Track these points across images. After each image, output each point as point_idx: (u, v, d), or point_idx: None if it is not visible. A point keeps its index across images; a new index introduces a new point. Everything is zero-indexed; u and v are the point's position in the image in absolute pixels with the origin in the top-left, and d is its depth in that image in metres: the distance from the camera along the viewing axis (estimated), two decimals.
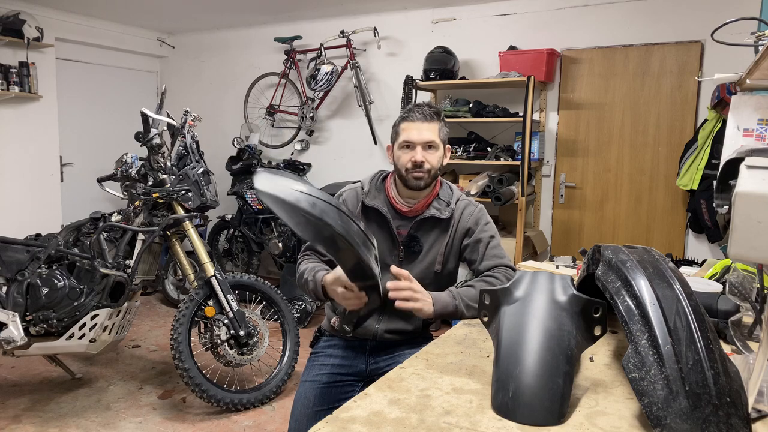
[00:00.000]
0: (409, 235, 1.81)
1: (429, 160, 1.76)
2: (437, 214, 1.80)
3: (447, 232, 1.82)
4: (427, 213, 1.80)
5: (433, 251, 1.82)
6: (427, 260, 1.81)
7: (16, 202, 4.99)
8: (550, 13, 4.43)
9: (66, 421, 2.99)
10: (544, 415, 1.03)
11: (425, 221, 1.81)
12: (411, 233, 1.81)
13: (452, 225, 1.82)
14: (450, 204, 1.83)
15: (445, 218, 1.81)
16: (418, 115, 1.77)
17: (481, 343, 1.48)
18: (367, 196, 1.83)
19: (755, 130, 1.79)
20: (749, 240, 1.04)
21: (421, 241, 1.81)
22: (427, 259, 1.81)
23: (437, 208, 1.81)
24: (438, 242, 1.82)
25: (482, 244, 1.81)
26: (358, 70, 4.96)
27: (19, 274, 2.99)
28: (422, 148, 1.76)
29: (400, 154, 1.78)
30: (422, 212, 1.81)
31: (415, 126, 1.76)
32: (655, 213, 4.25)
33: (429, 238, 1.82)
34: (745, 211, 1.04)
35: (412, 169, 1.75)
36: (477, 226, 1.83)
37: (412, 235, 1.81)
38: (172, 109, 3.59)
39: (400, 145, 1.79)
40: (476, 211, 1.86)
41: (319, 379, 1.83)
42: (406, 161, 1.76)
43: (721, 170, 1.27)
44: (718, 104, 3.59)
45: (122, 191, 3.29)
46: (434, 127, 1.77)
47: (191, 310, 3.03)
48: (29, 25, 4.74)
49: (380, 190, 1.86)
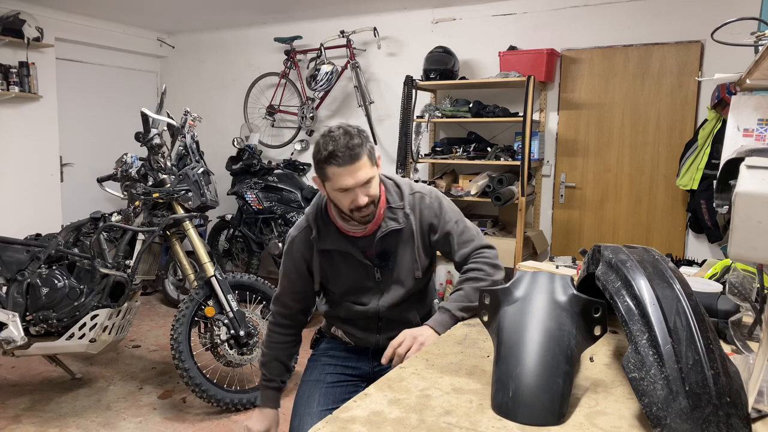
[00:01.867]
0: (377, 255, 1.73)
1: (370, 194, 1.61)
2: (395, 226, 1.70)
3: (412, 236, 1.73)
4: (386, 227, 1.70)
5: (407, 259, 1.74)
6: (404, 270, 1.74)
7: (16, 202, 4.99)
8: (550, 13, 4.43)
9: (66, 421, 2.99)
10: (544, 415, 1.03)
11: (387, 235, 1.71)
12: (378, 252, 1.72)
13: (414, 228, 1.73)
14: (403, 208, 1.72)
15: (404, 226, 1.71)
16: (345, 158, 1.54)
17: (481, 343, 1.48)
18: (319, 241, 1.72)
19: (755, 130, 1.79)
20: (749, 240, 1.04)
21: (391, 254, 1.73)
22: (403, 270, 1.74)
23: (393, 218, 1.71)
24: (408, 248, 1.74)
25: (452, 236, 1.75)
26: (358, 70, 4.96)
27: (19, 274, 2.99)
28: (361, 189, 1.58)
29: (337, 197, 1.61)
30: (380, 227, 1.70)
31: (346, 171, 1.55)
32: (655, 213, 4.25)
33: (398, 249, 1.73)
34: (745, 211, 1.04)
35: (356, 210, 1.61)
36: (438, 218, 1.75)
37: (380, 252, 1.73)
38: (172, 109, 3.59)
39: (335, 190, 1.59)
40: (430, 202, 1.76)
41: (323, 378, 1.82)
42: (347, 203, 1.60)
43: (721, 170, 1.27)
44: (718, 104, 3.59)
45: (122, 191, 3.29)
46: (364, 160, 1.57)
47: (191, 310, 3.03)
48: (29, 25, 4.74)
49: (328, 224, 1.73)
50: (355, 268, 1.74)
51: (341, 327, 1.88)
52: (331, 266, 1.76)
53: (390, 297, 1.76)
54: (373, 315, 1.77)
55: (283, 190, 4.89)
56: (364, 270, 1.74)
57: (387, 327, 1.79)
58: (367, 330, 1.82)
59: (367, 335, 1.82)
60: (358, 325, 1.83)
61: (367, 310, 1.77)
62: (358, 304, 1.78)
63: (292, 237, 1.79)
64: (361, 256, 1.72)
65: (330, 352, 1.89)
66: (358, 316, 1.80)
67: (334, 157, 1.54)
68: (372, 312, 1.77)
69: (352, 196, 1.58)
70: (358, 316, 1.79)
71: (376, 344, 1.81)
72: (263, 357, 1.91)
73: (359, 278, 1.75)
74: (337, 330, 1.90)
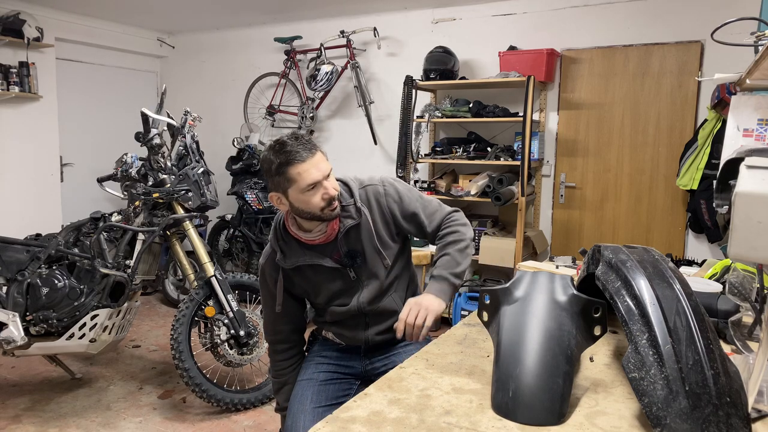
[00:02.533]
0: (345, 255, 1.75)
1: (335, 186, 1.66)
2: (351, 222, 1.72)
3: (368, 227, 1.75)
4: (343, 227, 1.72)
5: (374, 251, 1.76)
6: (375, 263, 1.77)
7: (16, 202, 4.99)
8: (550, 13, 4.43)
9: (66, 421, 2.99)
10: (544, 415, 1.03)
11: (347, 233, 1.73)
12: (344, 252, 1.74)
13: (370, 219, 1.75)
14: (354, 203, 1.74)
15: (360, 220, 1.73)
16: (304, 152, 1.59)
17: (481, 343, 1.48)
18: (284, 259, 1.74)
19: (755, 130, 1.79)
20: (749, 240, 1.04)
21: (358, 251, 1.75)
22: (374, 263, 1.77)
23: (347, 216, 1.73)
24: (370, 241, 1.76)
25: (418, 215, 1.78)
26: (358, 70, 4.96)
27: (19, 274, 2.99)
28: (327, 181, 1.63)
29: (306, 198, 1.62)
30: (339, 228, 1.73)
31: (310, 164, 1.59)
32: (655, 213, 4.25)
33: (362, 243, 1.75)
34: (745, 211, 1.04)
35: (328, 206, 1.64)
36: (400, 203, 1.77)
37: (347, 252, 1.75)
38: (172, 109, 3.59)
39: (303, 191, 1.61)
40: (385, 190, 1.78)
41: (316, 377, 1.85)
42: (318, 202, 1.62)
43: (721, 170, 1.27)
44: (718, 104, 3.59)
45: (122, 191, 3.29)
46: (320, 154, 1.63)
47: (191, 310, 3.03)
48: (29, 25, 4.74)
49: (290, 242, 1.75)
50: (328, 276, 1.77)
51: (330, 329, 1.91)
52: (305, 281, 1.79)
53: (368, 292, 1.79)
54: (358, 313, 1.81)
55: None
56: (338, 274, 1.77)
57: (374, 321, 1.84)
58: (355, 328, 1.85)
59: (356, 333, 1.85)
60: (346, 325, 1.86)
61: (349, 310, 1.80)
62: (341, 306, 1.81)
63: (261, 266, 1.84)
64: (330, 262, 1.75)
65: (323, 353, 1.93)
66: (344, 317, 1.83)
67: (294, 156, 1.58)
68: (355, 310, 1.80)
69: (322, 190, 1.62)
70: (344, 316, 1.83)
71: (366, 341, 1.86)
72: (273, 385, 1.98)
73: (335, 283, 1.78)
74: (327, 333, 1.94)
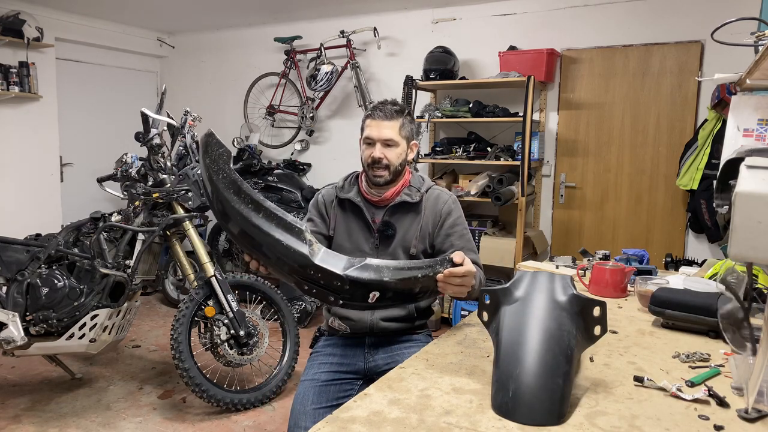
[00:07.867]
0: (383, 222, 1.89)
1: (388, 156, 1.84)
2: (408, 199, 1.88)
3: (419, 216, 1.89)
4: (399, 199, 1.89)
5: (409, 235, 1.88)
6: (403, 244, 1.88)
7: (16, 202, 4.99)
8: (550, 13, 4.43)
9: (66, 421, 2.99)
10: (544, 415, 1.04)
11: (398, 207, 1.89)
12: (384, 219, 1.89)
13: (422, 209, 1.89)
14: (420, 190, 1.91)
15: (415, 202, 1.88)
16: (380, 113, 1.84)
17: (481, 343, 1.48)
18: (342, 191, 1.96)
19: (755, 130, 1.79)
20: (749, 240, 1.04)
21: (395, 225, 1.89)
22: (402, 243, 1.88)
23: (408, 194, 1.90)
24: (412, 226, 1.89)
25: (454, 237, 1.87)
26: (358, 70, 4.96)
27: (19, 274, 2.99)
28: (381, 145, 1.84)
29: (363, 149, 1.89)
30: (393, 199, 1.89)
31: (376, 124, 1.84)
32: (655, 213, 4.25)
33: (403, 223, 1.89)
34: (745, 211, 1.04)
35: (372, 165, 1.85)
36: (451, 215, 1.90)
37: (386, 221, 1.89)
38: (172, 109, 3.60)
39: (361, 141, 1.89)
40: (449, 200, 1.93)
41: (318, 377, 1.85)
42: (366, 157, 1.86)
43: (721, 170, 1.27)
44: (718, 104, 3.59)
45: (122, 191, 3.29)
46: (395, 125, 1.85)
47: (191, 310, 3.03)
48: (29, 25, 4.74)
49: (353, 185, 1.97)
50: (360, 226, 1.90)
51: (338, 313, 1.94)
52: (342, 215, 1.94)
53: None
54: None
55: (283, 190, 4.89)
56: (367, 231, 1.90)
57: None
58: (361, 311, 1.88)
59: (362, 315, 1.89)
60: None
61: None
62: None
63: (320, 191, 2.05)
64: (369, 217, 1.90)
65: (327, 350, 1.94)
66: None
67: (374, 110, 1.87)
68: None
69: (372, 149, 1.84)
70: None
71: (371, 327, 1.89)
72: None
73: (360, 238, 1.90)
74: (334, 320, 1.95)
